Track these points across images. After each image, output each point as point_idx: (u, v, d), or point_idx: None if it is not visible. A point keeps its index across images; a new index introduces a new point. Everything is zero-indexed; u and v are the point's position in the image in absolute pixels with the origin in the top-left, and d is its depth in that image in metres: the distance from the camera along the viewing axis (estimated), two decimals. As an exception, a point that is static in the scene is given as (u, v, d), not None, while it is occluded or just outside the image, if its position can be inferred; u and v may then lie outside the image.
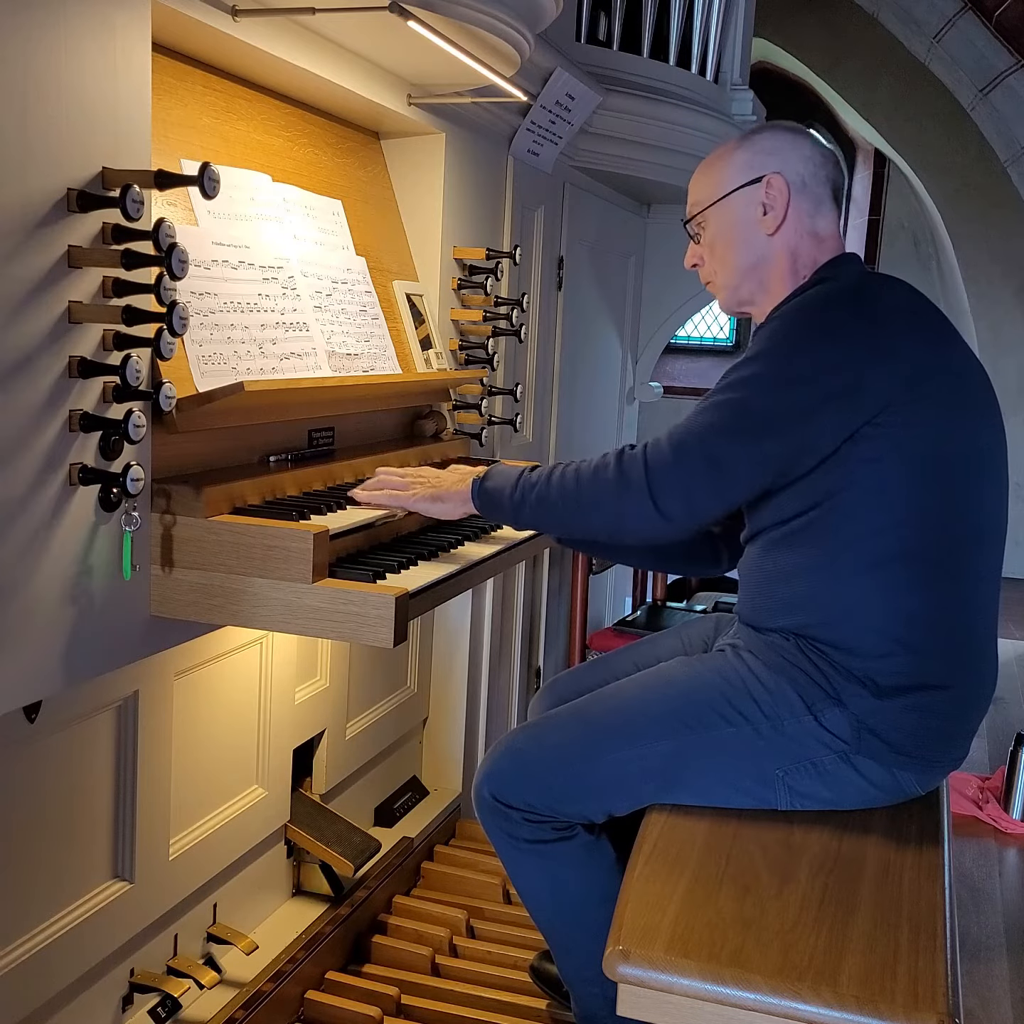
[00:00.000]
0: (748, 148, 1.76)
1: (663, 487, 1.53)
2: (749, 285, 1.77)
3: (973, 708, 1.63)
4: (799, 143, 1.75)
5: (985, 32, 5.26)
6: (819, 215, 1.74)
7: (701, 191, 1.81)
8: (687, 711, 1.63)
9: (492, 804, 1.72)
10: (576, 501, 1.60)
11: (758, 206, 1.73)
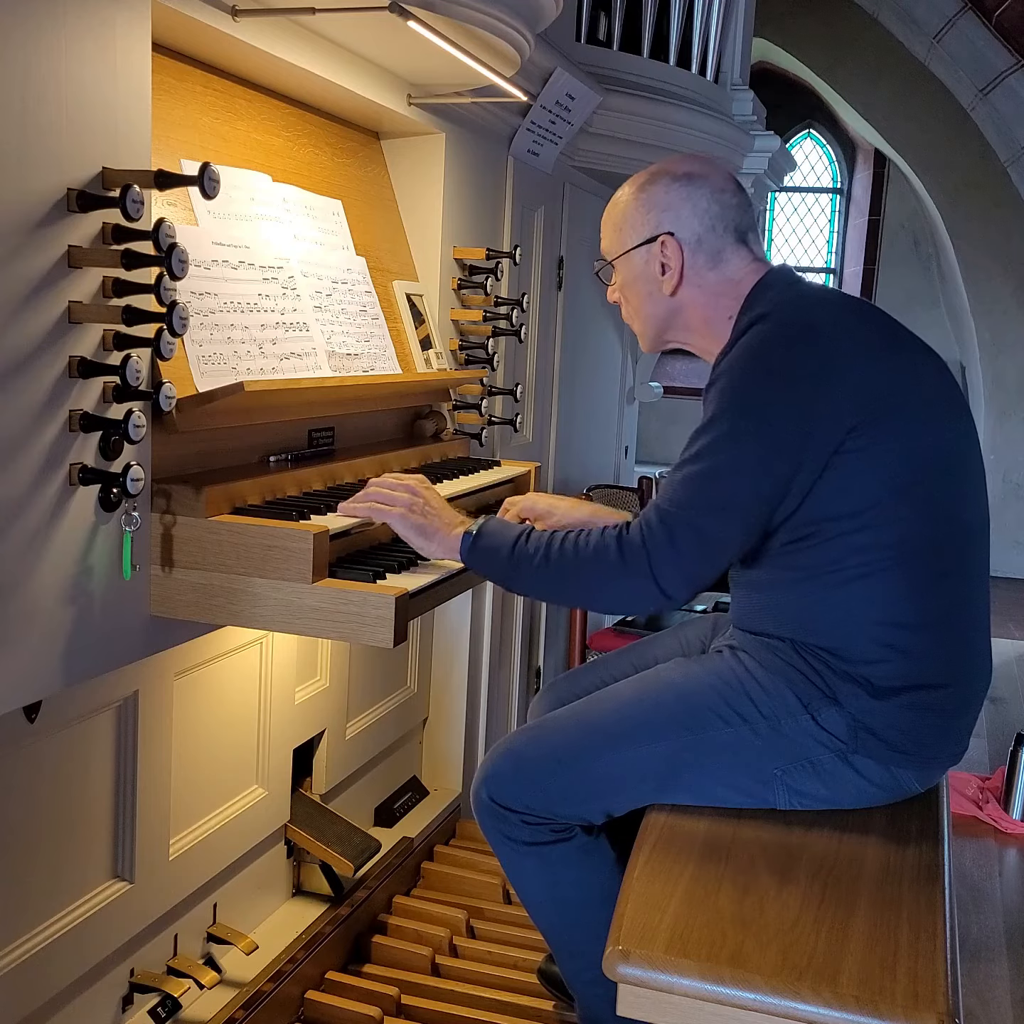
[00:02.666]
0: (642, 203, 1.72)
1: (665, 573, 1.53)
2: (669, 332, 1.78)
3: (969, 703, 1.63)
4: (695, 197, 1.69)
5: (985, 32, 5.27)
6: (721, 264, 1.70)
7: (607, 238, 1.79)
8: (685, 712, 1.63)
9: (490, 807, 1.72)
10: (576, 582, 1.60)
11: (656, 265, 1.71)
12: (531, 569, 1.61)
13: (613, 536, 1.57)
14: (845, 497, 1.53)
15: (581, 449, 3.80)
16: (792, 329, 1.56)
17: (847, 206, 8.22)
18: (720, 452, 1.52)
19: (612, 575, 1.55)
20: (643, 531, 1.54)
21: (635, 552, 1.53)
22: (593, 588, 1.59)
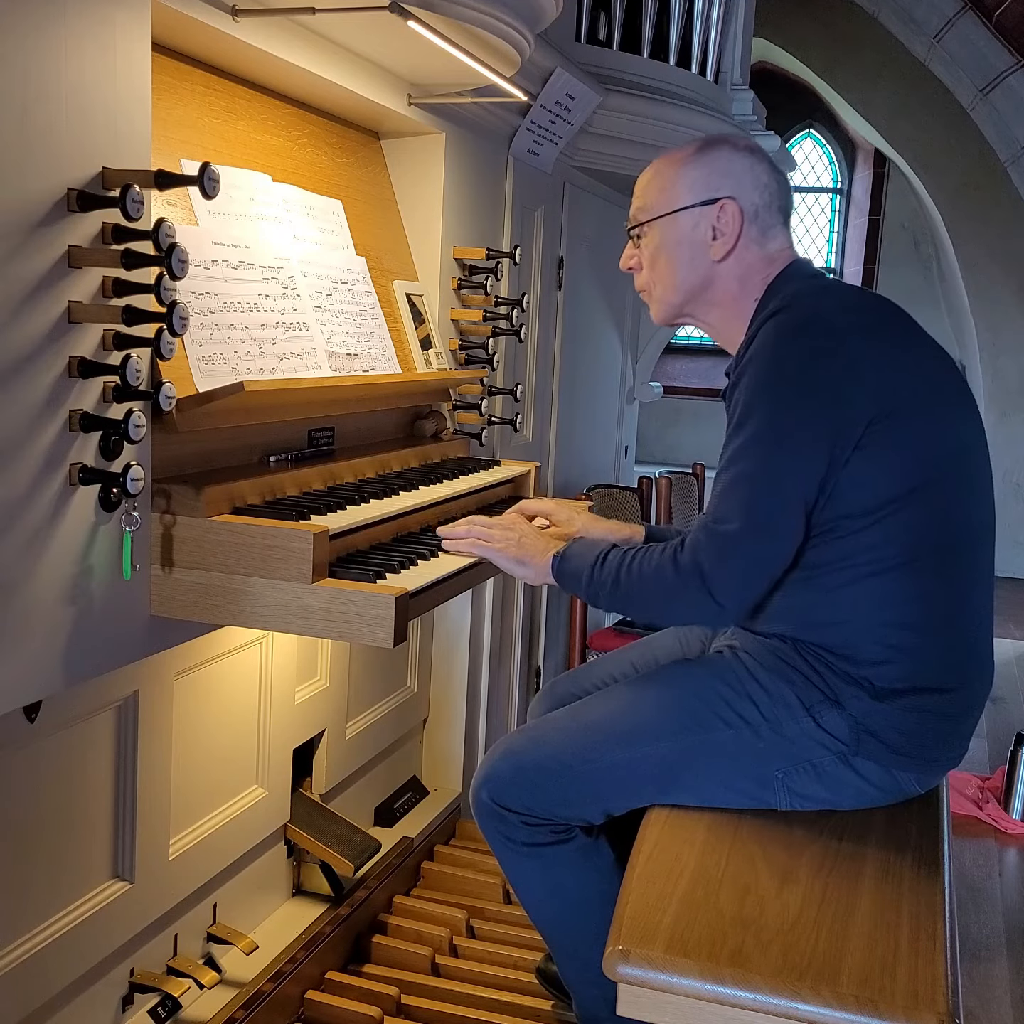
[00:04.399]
0: (703, 164, 1.70)
1: (719, 589, 1.55)
2: (692, 304, 1.76)
3: (971, 708, 1.63)
4: (756, 169, 1.70)
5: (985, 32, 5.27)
6: (769, 242, 1.71)
7: (649, 197, 1.75)
8: (685, 713, 1.63)
9: (490, 807, 1.72)
10: (645, 602, 1.66)
11: (708, 229, 1.69)
12: (606, 591, 1.67)
13: (670, 556, 1.59)
14: (860, 494, 1.53)
15: (581, 449, 3.80)
16: (808, 323, 1.57)
17: (847, 206, 8.22)
18: (752, 460, 1.53)
19: (672, 595, 1.59)
20: (695, 550, 1.56)
21: (689, 571, 1.56)
22: (658, 607, 1.66)
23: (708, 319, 1.77)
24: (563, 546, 1.75)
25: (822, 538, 1.56)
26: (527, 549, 1.76)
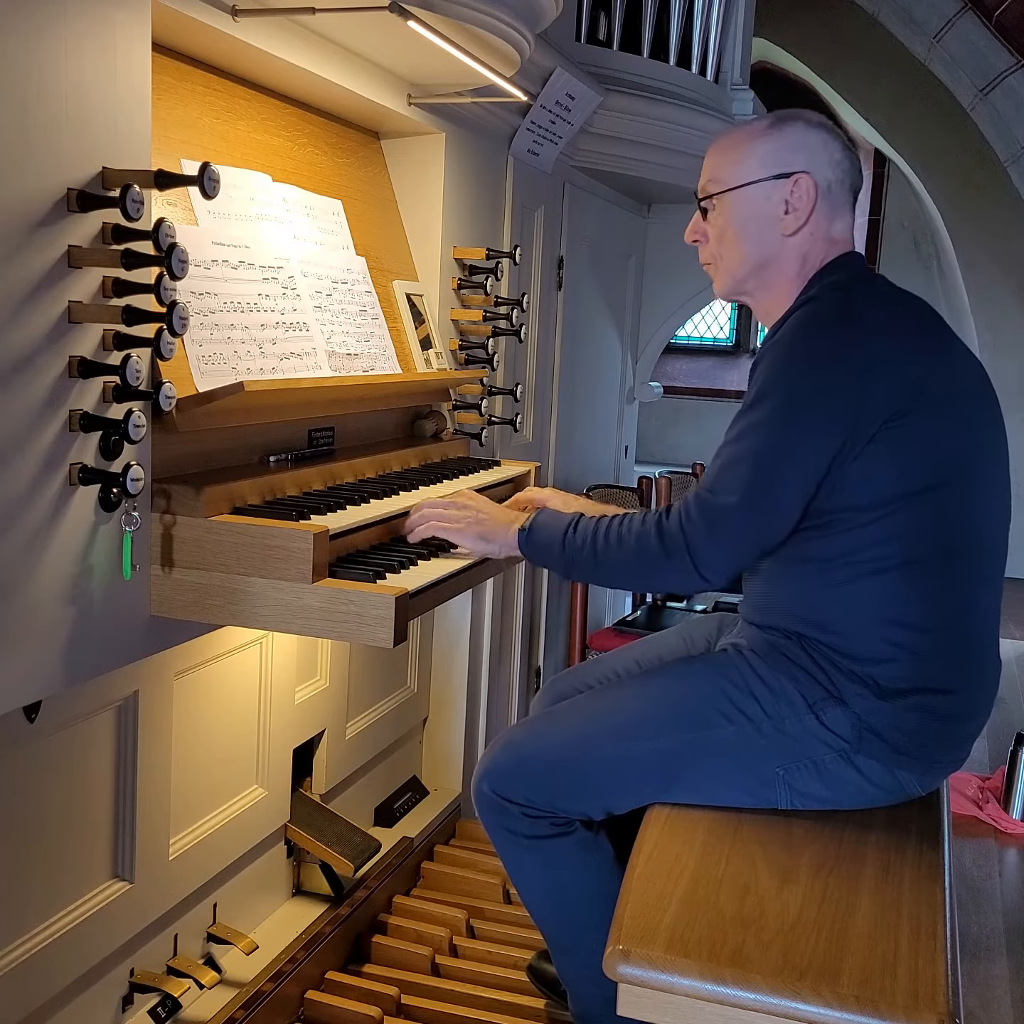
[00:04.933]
0: (778, 138, 1.68)
1: (703, 558, 1.56)
2: (754, 280, 1.74)
3: (976, 711, 1.63)
4: (831, 145, 1.68)
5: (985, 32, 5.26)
6: (837, 219, 1.70)
7: (720, 169, 1.72)
8: (688, 709, 1.63)
9: (491, 799, 1.72)
10: (623, 568, 1.65)
11: (780, 203, 1.67)
12: (581, 560, 1.67)
13: (653, 522, 1.60)
14: (868, 487, 1.53)
15: (581, 449, 3.80)
16: (835, 315, 1.57)
17: (847, 206, 8.21)
18: (761, 438, 1.53)
19: (654, 562, 1.60)
20: (681, 517, 1.57)
21: (674, 538, 1.57)
22: (639, 575, 1.66)
23: (764, 299, 1.75)
24: (527, 517, 1.75)
25: (826, 530, 1.56)
26: (487, 525, 1.75)
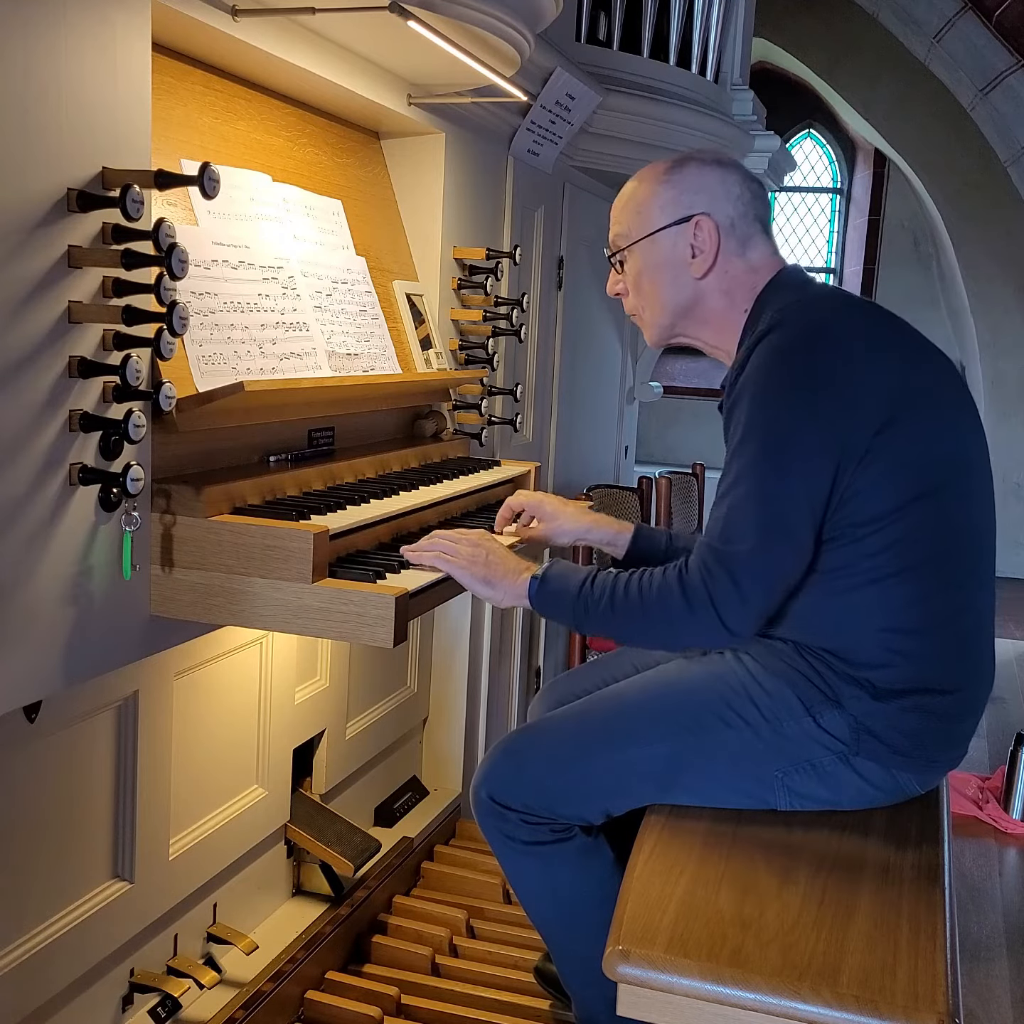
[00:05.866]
0: (675, 184, 1.69)
1: (730, 612, 1.50)
2: (682, 323, 1.74)
3: (972, 709, 1.63)
4: (728, 181, 1.69)
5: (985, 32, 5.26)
6: (749, 251, 1.69)
7: (625, 222, 1.75)
8: (686, 713, 1.63)
9: (490, 805, 1.72)
10: (643, 627, 1.59)
11: (686, 247, 1.68)
12: (598, 614, 1.60)
13: (675, 579, 1.54)
14: (867, 502, 1.52)
15: (581, 449, 3.80)
16: (805, 336, 1.54)
17: (847, 206, 8.22)
18: (759, 476, 1.50)
19: (679, 620, 1.54)
20: (702, 573, 1.51)
21: (698, 595, 1.51)
22: (662, 632, 1.59)
23: (701, 336, 1.76)
24: (541, 567, 1.68)
25: (824, 545, 1.55)
26: (494, 568, 1.67)
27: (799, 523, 1.50)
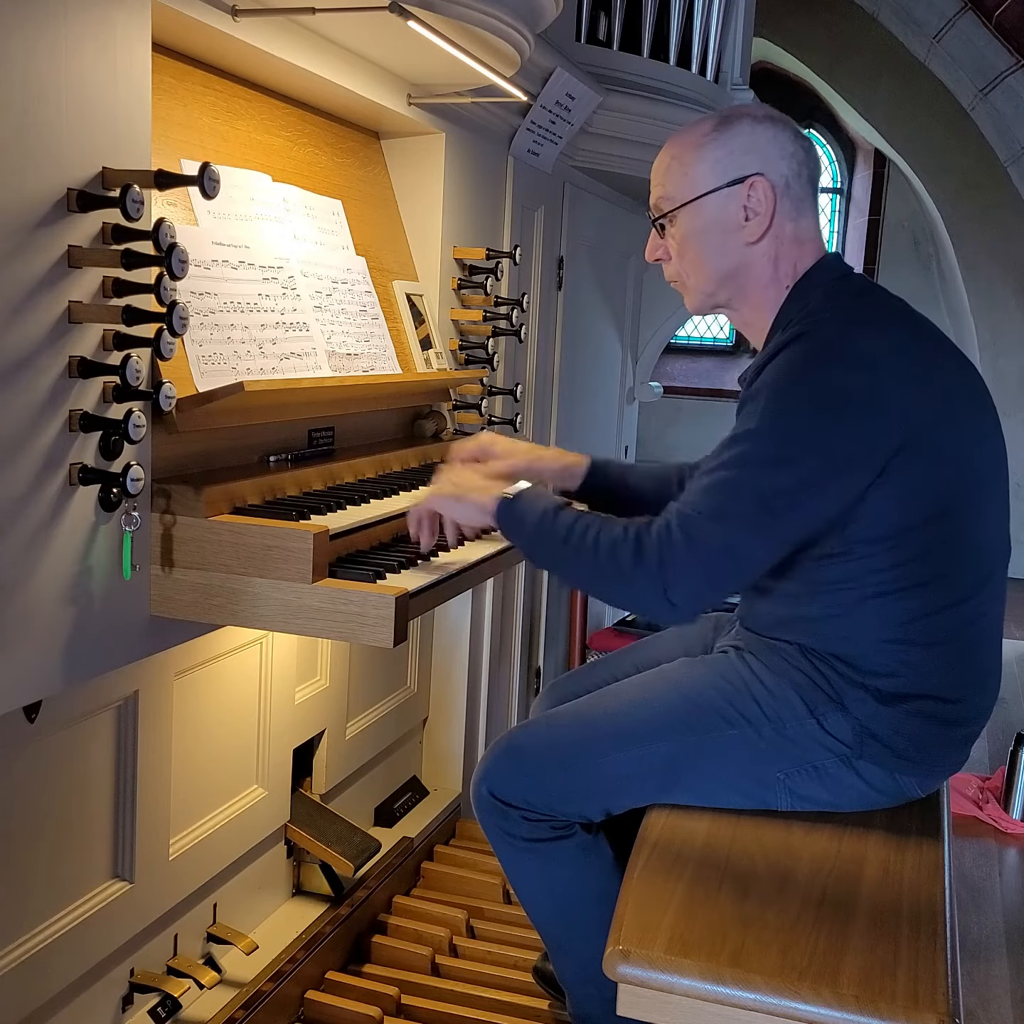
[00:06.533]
0: (725, 143, 1.61)
1: (676, 582, 1.47)
2: (725, 292, 1.68)
3: (977, 715, 1.63)
4: (780, 138, 1.61)
5: (985, 32, 5.26)
6: (801, 217, 1.63)
7: (671, 184, 1.65)
8: (688, 712, 1.63)
9: (490, 802, 1.72)
10: (589, 568, 1.56)
11: (739, 210, 1.61)
12: (550, 547, 1.59)
13: (634, 534, 1.51)
14: (880, 521, 1.50)
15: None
16: (833, 354, 1.49)
17: (847, 206, 8.22)
18: (752, 468, 1.47)
19: (622, 574, 1.51)
20: (661, 536, 1.48)
21: (649, 556, 1.48)
22: (602, 582, 1.56)
23: (740, 308, 1.70)
24: (515, 488, 1.68)
25: (834, 560, 1.54)
26: (462, 488, 1.68)
27: (783, 524, 1.47)
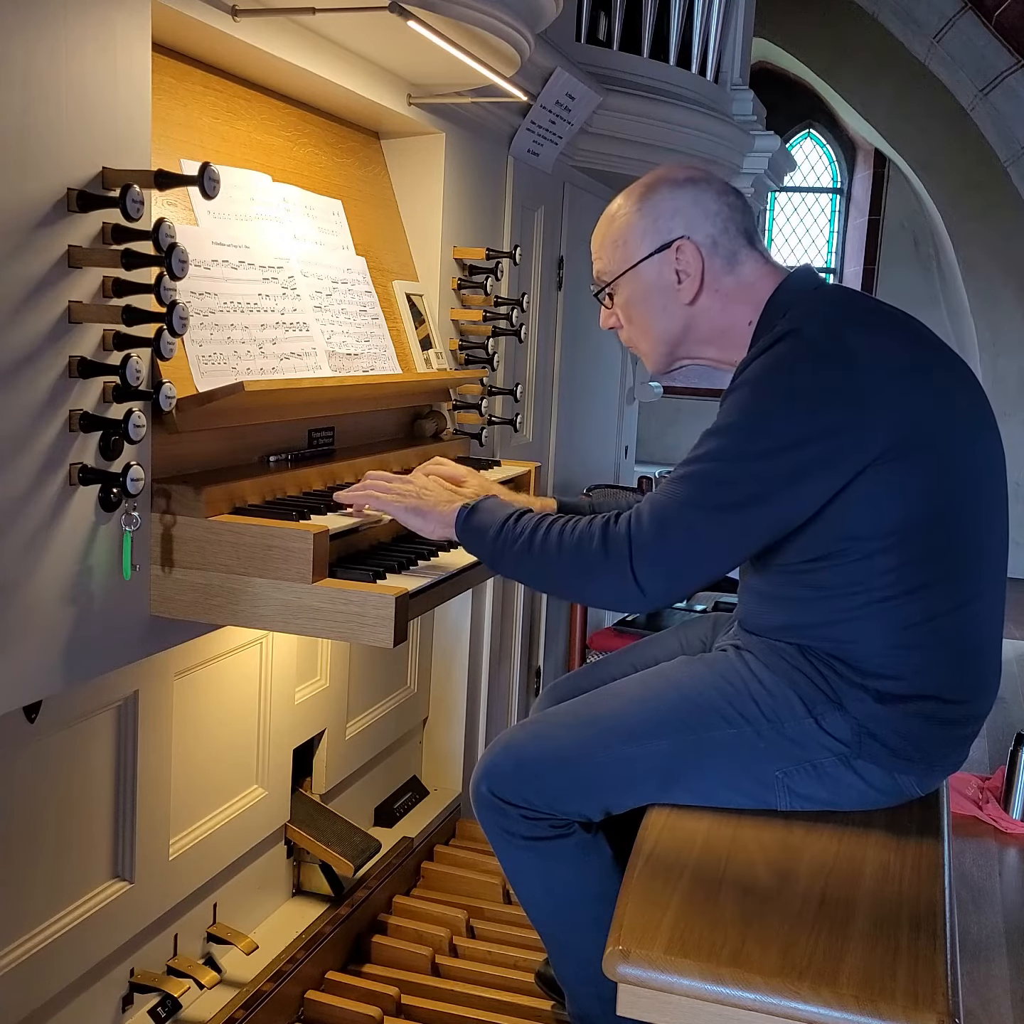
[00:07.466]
0: (649, 212, 1.66)
1: (645, 569, 1.48)
2: (682, 348, 1.72)
3: (977, 715, 1.63)
4: (701, 200, 1.65)
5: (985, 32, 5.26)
6: (739, 266, 1.66)
7: (604, 259, 1.72)
8: (688, 711, 1.63)
9: (490, 800, 1.72)
10: (556, 568, 1.56)
11: (671, 273, 1.65)
12: (514, 552, 1.59)
13: (599, 525, 1.53)
14: (872, 518, 1.50)
15: (581, 449, 3.80)
16: (820, 351, 1.50)
17: (847, 206, 8.22)
18: (730, 462, 1.48)
19: (590, 569, 1.52)
20: (631, 522, 1.51)
21: (618, 543, 1.49)
22: (570, 578, 1.56)
23: (705, 355, 1.74)
24: (474, 500, 1.68)
25: (833, 560, 1.54)
26: (426, 499, 1.68)
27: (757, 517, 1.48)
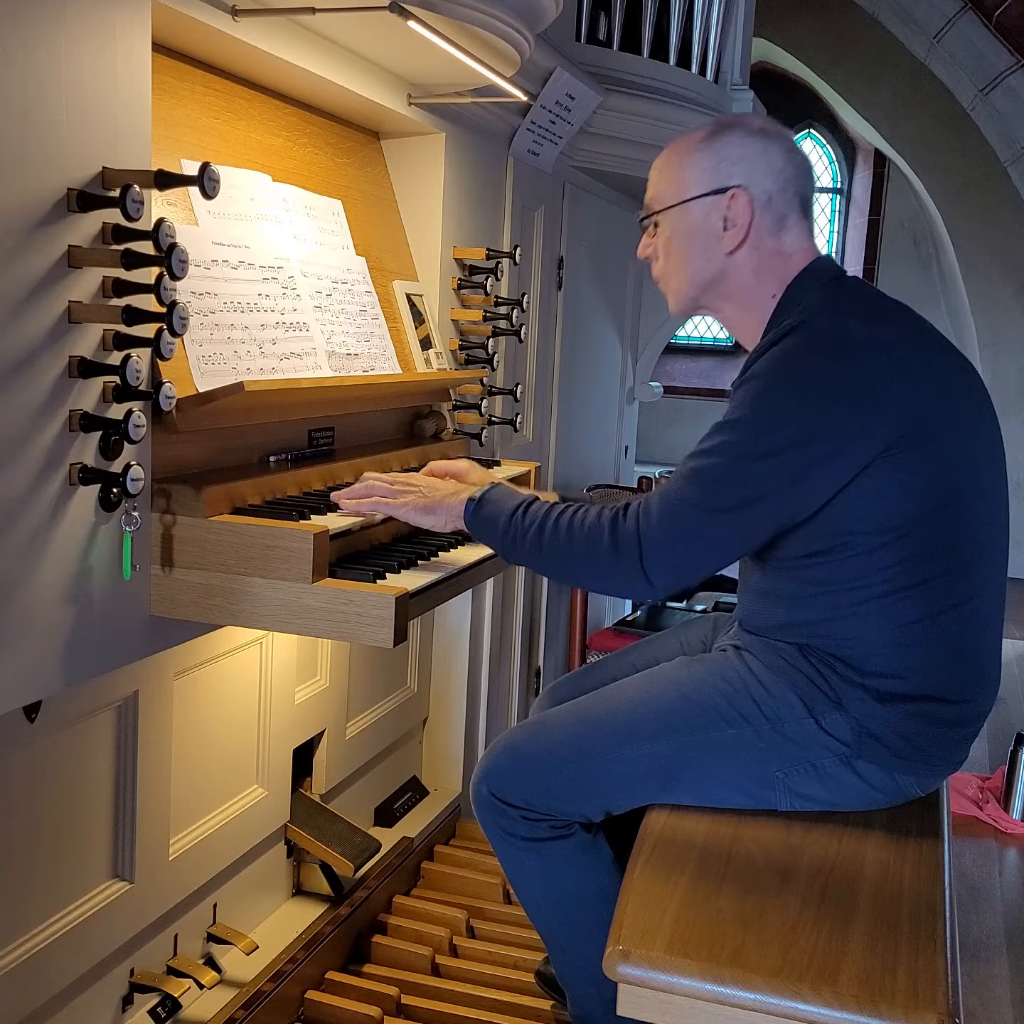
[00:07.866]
0: (713, 152, 1.64)
1: (654, 563, 1.51)
2: (707, 296, 1.71)
3: (977, 715, 1.63)
4: (770, 152, 1.63)
5: (985, 32, 5.26)
6: (783, 231, 1.65)
7: (660, 186, 1.70)
8: (687, 711, 1.63)
9: (490, 801, 1.72)
10: (567, 558, 1.59)
11: (719, 219, 1.64)
12: (525, 542, 1.61)
13: (608, 519, 1.55)
14: (873, 512, 1.51)
15: (581, 449, 3.80)
16: (827, 344, 1.51)
17: (847, 206, 8.22)
18: (739, 460, 1.49)
19: (600, 559, 1.54)
20: (639, 518, 1.53)
21: (628, 538, 1.52)
22: (581, 569, 1.59)
23: (723, 311, 1.73)
24: (480, 489, 1.68)
25: (834, 555, 1.54)
26: (432, 495, 1.69)
27: (763, 510, 1.50)
